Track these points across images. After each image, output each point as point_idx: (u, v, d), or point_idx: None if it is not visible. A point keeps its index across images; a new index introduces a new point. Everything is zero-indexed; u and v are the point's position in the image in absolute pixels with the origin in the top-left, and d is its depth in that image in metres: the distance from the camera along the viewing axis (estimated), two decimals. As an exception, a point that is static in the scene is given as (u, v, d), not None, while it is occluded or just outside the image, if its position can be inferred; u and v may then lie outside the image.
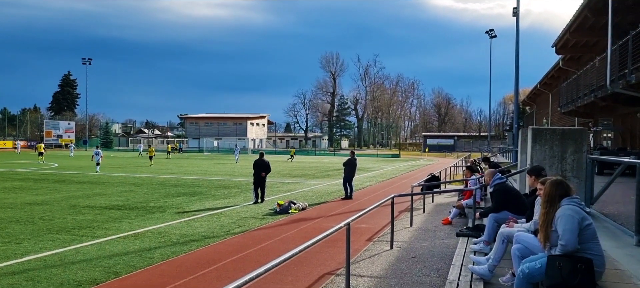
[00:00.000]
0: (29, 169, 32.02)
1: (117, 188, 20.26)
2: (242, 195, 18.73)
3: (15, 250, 8.85)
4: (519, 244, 5.04)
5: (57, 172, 29.92)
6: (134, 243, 9.74)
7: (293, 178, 27.71)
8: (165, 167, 36.36)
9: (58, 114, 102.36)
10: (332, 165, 44.20)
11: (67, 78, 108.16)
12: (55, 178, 25.25)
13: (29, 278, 7.13)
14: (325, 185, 23.91)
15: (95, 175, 27.21)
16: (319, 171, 35.15)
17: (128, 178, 25.96)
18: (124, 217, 12.89)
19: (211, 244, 9.80)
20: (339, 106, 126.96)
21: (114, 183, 22.51)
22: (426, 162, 56.84)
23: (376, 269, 7.83)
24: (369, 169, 38.96)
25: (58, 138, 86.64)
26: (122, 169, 33.52)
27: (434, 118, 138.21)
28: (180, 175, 28.40)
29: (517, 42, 29.34)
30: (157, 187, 21.12)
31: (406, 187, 22.31)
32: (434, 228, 11.62)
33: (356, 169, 18.88)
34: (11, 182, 22.47)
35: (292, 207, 14.55)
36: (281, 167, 38.49)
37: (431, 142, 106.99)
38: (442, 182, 20.09)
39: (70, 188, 20.01)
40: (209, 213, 13.95)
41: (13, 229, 10.93)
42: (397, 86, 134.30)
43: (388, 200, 9.75)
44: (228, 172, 31.90)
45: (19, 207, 14.39)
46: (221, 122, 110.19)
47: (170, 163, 43.81)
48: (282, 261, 4.31)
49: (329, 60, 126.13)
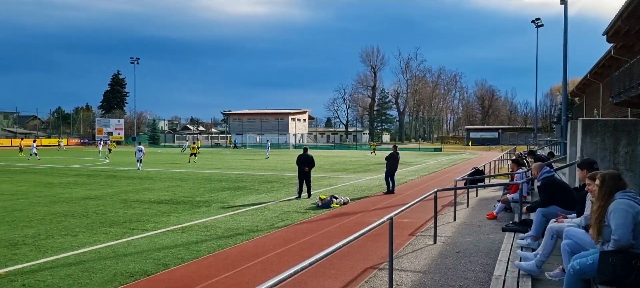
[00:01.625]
0: (83, 166, 33.40)
1: (164, 184, 20.87)
2: (284, 189, 18.94)
3: (71, 243, 9.28)
4: (569, 240, 4.91)
5: (108, 168, 31.07)
6: (182, 236, 10.03)
7: (334, 173, 27.78)
8: (209, 163, 37.15)
9: (108, 112, 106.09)
10: (374, 159, 44.02)
11: (117, 77, 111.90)
12: (107, 174, 26.24)
13: (85, 269, 7.47)
14: (366, 179, 23.86)
15: (141, 171, 28.07)
16: (360, 166, 35.09)
17: (175, 173, 26.69)
18: (171, 211, 13.28)
19: (255, 238, 9.98)
20: (380, 100, 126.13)
21: (162, 179, 23.19)
22: (469, 156, 55.78)
23: (419, 264, 7.79)
24: (411, 163, 38.59)
25: (108, 135, 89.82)
26: (169, 165, 34.47)
27: (478, 111, 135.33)
28: (225, 170, 28.96)
29: (565, 30, 28.35)
30: (203, 182, 21.63)
31: (449, 181, 21.98)
32: (478, 223, 11.43)
33: (399, 163, 18.76)
34: (66, 178, 23.50)
35: (334, 202, 14.61)
36: (322, 161, 38.60)
37: (475, 135, 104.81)
38: (487, 176, 19.68)
39: (121, 184, 20.76)
40: (252, 207, 14.19)
41: (69, 222, 11.46)
42: (439, 79, 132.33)
43: (431, 195, 9.65)
44: (270, 167, 32.29)
45: (75, 201, 15.06)
46: (263, 118, 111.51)
47: (214, 158, 44.74)
48: (325, 255, 4.35)
49: (369, 54, 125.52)
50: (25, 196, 16.40)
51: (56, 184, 20.45)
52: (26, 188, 18.95)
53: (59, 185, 19.95)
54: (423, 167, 34.31)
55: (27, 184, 20.42)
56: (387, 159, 18.40)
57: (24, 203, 14.73)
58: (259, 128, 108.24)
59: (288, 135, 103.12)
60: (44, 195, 16.76)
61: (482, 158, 43.26)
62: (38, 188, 18.75)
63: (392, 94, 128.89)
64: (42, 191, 17.91)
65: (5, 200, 15.29)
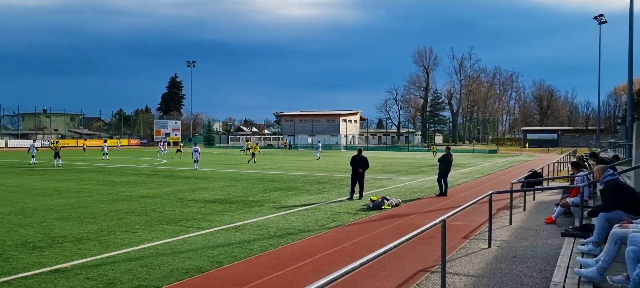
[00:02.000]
0: (142, 165, 34.76)
1: (218, 183, 21.40)
2: (335, 190, 18.99)
3: (131, 239, 9.69)
4: (634, 246, 4.67)
5: (166, 168, 32.19)
6: (235, 235, 10.26)
7: (386, 174, 27.58)
8: (262, 163, 37.75)
9: (166, 113, 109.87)
10: (426, 161, 43.37)
11: (174, 80, 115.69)
12: (165, 173, 27.19)
13: (144, 264, 7.78)
14: (419, 181, 23.55)
15: (197, 171, 28.89)
16: (412, 167, 34.66)
17: (229, 174, 27.31)
18: (225, 210, 13.60)
19: (306, 238, 10.07)
20: (433, 101, 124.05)
21: (216, 179, 23.79)
22: (526, 158, 53.92)
23: (473, 268, 7.61)
24: (465, 165, 37.74)
25: (166, 136, 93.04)
26: (223, 165, 35.31)
27: (535, 111, 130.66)
28: (277, 171, 29.36)
29: (630, 27, 26.92)
30: (255, 182, 22.02)
31: (505, 183, 21.34)
32: (535, 227, 11.05)
33: (452, 165, 18.41)
34: (127, 177, 24.54)
35: (385, 203, 14.51)
36: (373, 163, 38.40)
37: (532, 136, 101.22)
38: (545, 178, 18.97)
39: (177, 183, 21.47)
40: (304, 208, 14.32)
41: (129, 219, 11.96)
42: (494, 79, 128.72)
43: (485, 197, 9.41)
44: (322, 168, 32.44)
45: (134, 199, 15.70)
46: (314, 119, 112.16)
47: (266, 159, 45.42)
48: (377, 256, 4.34)
49: (421, 54, 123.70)
50: (89, 194, 17.25)
51: (118, 183, 21.39)
52: (90, 186, 19.92)
53: (120, 184, 20.85)
54: (477, 169, 33.48)
55: (91, 183, 21.47)
56: (439, 161, 18.10)
57: (88, 200, 15.50)
58: (311, 129, 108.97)
59: (339, 136, 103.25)
60: (107, 193, 17.57)
61: (540, 161, 41.73)
62: (101, 187, 19.68)
63: (445, 95, 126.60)
64: (105, 189, 18.78)
65: (71, 198, 16.14)
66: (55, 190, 18.22)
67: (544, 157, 54.60)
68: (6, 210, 13.27)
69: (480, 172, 30.74)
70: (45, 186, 19.76)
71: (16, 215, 12.55)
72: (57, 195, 16.90)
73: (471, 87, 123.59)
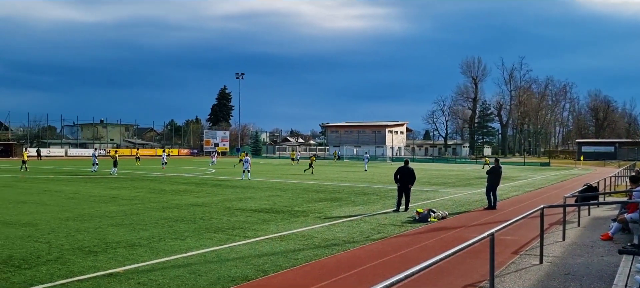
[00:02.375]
0: (192, 174, 35.67)
1: (265, 193, 21.68)
2: (381, 202, 18.86)
3: (180, 246, 9.95)
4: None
5: (214, 177, 32.90)
6: (280, 244, 10.36)
7: (432, 187, 27.16)
8: (307, 174, 37.96)
9: (215, 124, 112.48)
10: (474, 173, 42.41)
11: (223, 92, 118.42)
12: (213, 182, 27.80)
13: (192, 271, 7.97)
14: (466, 194, 23.05)
15: (243, 180, 29.34)
16: (460, 179, 33.97)
17: (275, 183, 27.62)
18: (271, 220, 13.76)
19: (351, 249, 10.04)
20: (481, 112, 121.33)
21: (263, 188, 24.11)
22: (581, 171, 51.79)
23: (523, 284, 7.38)
24: (515, 178, 36.65)
25: (215, 146, 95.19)
26: (269, 175, 35.74)
27: (590, 123, 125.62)
28: (322, 182, 29.45)
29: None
30: (301, 193, 22.17)
31: (557, 197, 20.58)
32: (590, 243, 10.60)
33: (501, 178, 17.94)
34: (177, 185, 25.24)
35: (432, 216, 14.29)
36: (420, 175, 37.88)
37: (587, 149, 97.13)
38: (601, 193, 18.18)
39: (225, 192, 21.90)
40: (349, 219, 14.29)
41: (179, 227, 12.30)
42: (546, 89, 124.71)
43: (537, 211, 9.11)
44: (367, 179, 32.29)
45: (184, 208, 16.13)
46: (360, 130, 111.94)
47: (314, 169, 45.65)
48: (422, 269, 4.29)
49: (469, 65, 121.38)
50: (141, 201, 17.85)
51: (168, 191, 22.03)
52: (142, 194, 20.61)
53: (170, 192, 21.47)
54: (528, 182, 32.44)
55: (143, 191, 22.21)
56: (488, 173, 17.68)
57: (140, 208, 16.04)
58: (356, 140, 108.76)
59: (385, 147, 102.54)
60: (158, 201, 18.13)
61: (596, 174, 40.01)
62: (152, 195, 20.32)
63: (494, 106, 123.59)
64: (156, 197, 19.38)
65: (125, 205, 16.76)
66: (110, 198, 18.96)
67: (600, 170, 52.30)
68: (64, 216, 13.91)
69: (531, 186, 29.77)
70: (101, 193, 20.60)
71: (74, 220, 13.14)
72: (111, 202, 17.58)
73: (522, 98, 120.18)
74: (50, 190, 22.08)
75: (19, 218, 13.35)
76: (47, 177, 30.93)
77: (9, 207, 15.77)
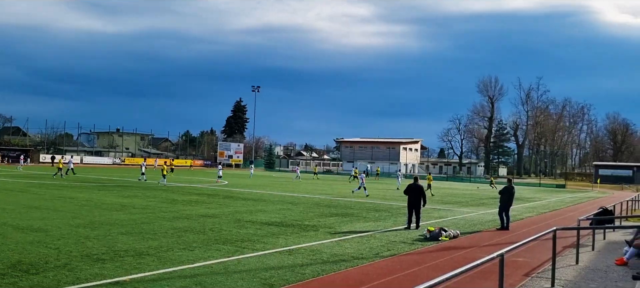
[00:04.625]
0: (204, 185, 35.80)
1: (276, 206, 21.64)
2: (392, 218, 18.70)
3: (188, 257, 9.94)
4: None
5: (226, 189, 32.98)
6: (288, 258, 10.29)
7: (445, 205, 26.89)
8: (319, 188, 37.86)
9: (230, 136, 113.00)
10: (488, 193, 41.94)
11: (239, 104, 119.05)
12: (225, 194, 27.85)
13: (198, 282, 7.94)
14: (479, 213, 22.77)
15: (254, 193, 29.36)
16: (473, 199, 33.60)
17: (286, 197, 27.57)
18: (280, 233, 13.70)
19: (360, 265, 9.94)
20: (497, 131, 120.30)
21: (274, 201, 24.08)
22: (598, 194, 50.95)
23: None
24: (530, 199, 36.15)
25: (229, 158, 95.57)
26: (281, 188, 35.72)
27: (608, 146, 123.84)
28: (334, 197, 29.34)
29: None
30: (312, 207, 22.08)
31: (572, 220, 20.21)
32: (604, 268, 10.37)
33: (514, 198, 17.69)
34: (189, 196, 25.33)
35: (443, 235, 14.11)
36: (433, 192, 37.58)
37: (604, 172, 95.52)
38: (617, 216, 17.82)
39: (236, 204, 21.91)
40: (359, 235, 14.18)
41: (188, 237, 12.30)
42: (563, 110, 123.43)
43: (549, 233, 8.94)
44: (379, 196, 32.10)
45: (194, 218, 16.15)
46: (374, 146, 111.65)
47: (323, 184, 45.50)
48: (429, 287, 4.20)
49: (486, 84, 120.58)
50: (152, 211, 17.93)
51: (180, 201, 22.10)
52: (154, 203, 20.70)
53: (181, 202, 21.54)
54: (542, 204, 31.96)
55: (155, 200, 22.32)
56: (501, 193, 17.45)
57: (151, 217, 16.10)
58: (370, 156, 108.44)
59: (399, 164, 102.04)
60: (169, 210, 18.19)
61: (613, 198, 39.30)
62: (164, 204, 20.40)
63: (510, 126, 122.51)
64: (167, 207, 19.45)
65: (136, 213, 16.84)
66: (121, 206, 19.08)
67: (617, 194, 51.38)
68: (75, 223, 14.01)
69: (545, 207, 29.32)
70: (113, 201, 20.75)
71: (84, 227, 13.22)
72: (123, 210, 17.68)
73: (538, 119, 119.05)
74: (64, 196, 22.29)
75: (31, 224, 13.47)
76: (70, 184, 31.27)
77: (22, 212, 15.94)
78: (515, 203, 18.45)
